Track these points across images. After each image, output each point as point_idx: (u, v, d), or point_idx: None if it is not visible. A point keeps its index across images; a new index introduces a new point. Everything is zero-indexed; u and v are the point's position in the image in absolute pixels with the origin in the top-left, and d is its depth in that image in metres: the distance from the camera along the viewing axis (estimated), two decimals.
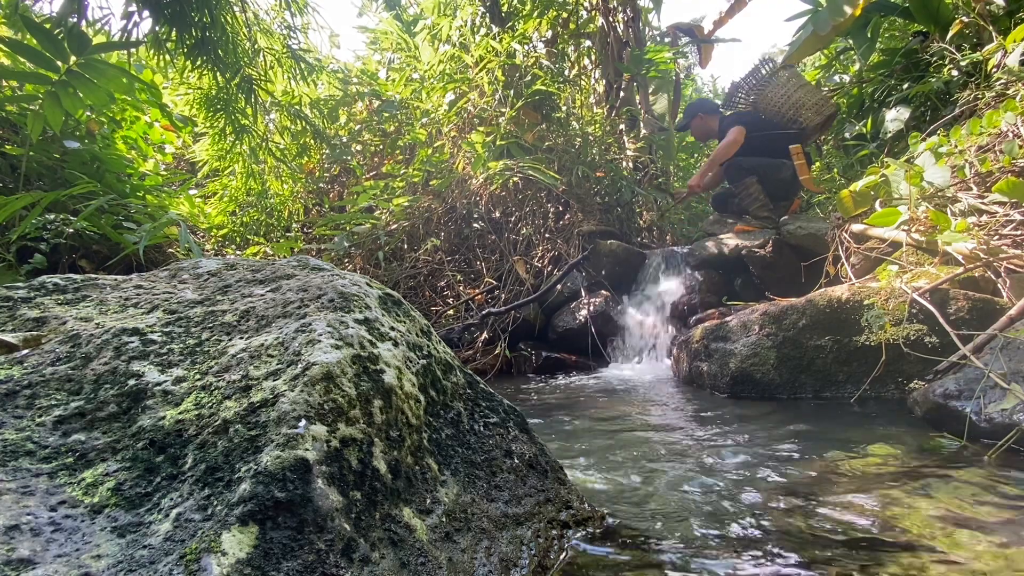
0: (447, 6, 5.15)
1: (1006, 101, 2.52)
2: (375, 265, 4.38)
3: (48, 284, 0.99)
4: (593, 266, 4.08)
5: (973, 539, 0.92)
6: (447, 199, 4.64)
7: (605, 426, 1.94)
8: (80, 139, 3.49)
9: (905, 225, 2.43)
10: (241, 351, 0.79)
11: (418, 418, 0.85)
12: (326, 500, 0.62)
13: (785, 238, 3.58)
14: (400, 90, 5.55)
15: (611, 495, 1.20)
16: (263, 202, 5.37)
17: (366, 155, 5.89)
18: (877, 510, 1.06)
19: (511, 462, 0.98)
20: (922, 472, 1.28)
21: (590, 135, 5.00)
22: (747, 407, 2.17)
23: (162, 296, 0.98)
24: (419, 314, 1.07)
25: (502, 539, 0.83)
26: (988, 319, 1.96)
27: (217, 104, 4.29)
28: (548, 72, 4.95)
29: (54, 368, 0.77)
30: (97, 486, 0.62)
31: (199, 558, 0.52)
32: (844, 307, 2.26)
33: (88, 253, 3.33)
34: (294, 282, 1.00)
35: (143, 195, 3.77)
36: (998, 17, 3.38)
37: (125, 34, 3.37)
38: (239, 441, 0.64)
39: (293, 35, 4.59)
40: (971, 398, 1.56)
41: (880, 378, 2.11)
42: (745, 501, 1.13)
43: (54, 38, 2.51)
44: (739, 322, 2.52)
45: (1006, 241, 2.18)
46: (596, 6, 5.60)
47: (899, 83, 4.14)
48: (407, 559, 0.68)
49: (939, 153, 2.50)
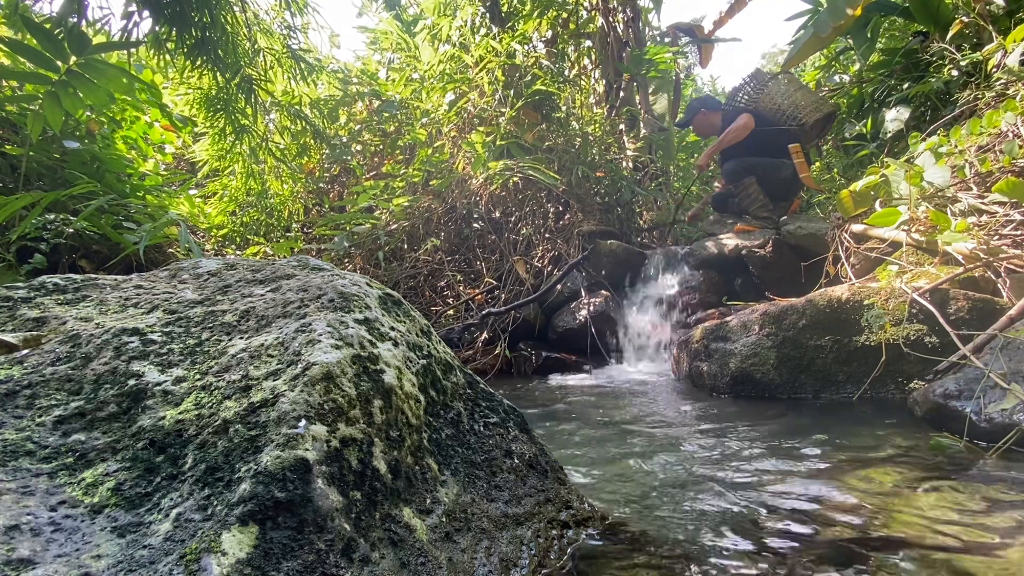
0: (447, 6, 5.15)
1: (1006, 101, 2.52)
2: (375, 265, 4.38)
3: (48, 284, 0.99)
4: (593, 266, 4.08)
5: (973, 539, 0.92)
6: (447, 199, 4.64)
7: (605, 426, 1.94)
8: (80, 139, 3.49)
9: (905, 225, 2.43)
10: (241, 351, 0.79)
11: (418, 418, 0.85)
12: (326, 500, 0.62)
13: (785, 238, 3.58)
14: (400, 90, 5.55)
15: (611, 495, 1.20)
16: (263, 202, 5.37)
17: (366, 155, 5.89)
18: (877, 510, 1.06)
19: (511, 462, 0.98)
20: (922, 472, 1.28)
21: (590, 135, 5.00)
22: (747, 407, 2.17)
23: (162, 296, 0.98)
24: (419, 314, 1.07)
25: (502, 539, 0.83)
26: (988, 319, 1.96)
27: (217, 104, 4.29)
28: (548, 72, 4.95)
29: (54, 368, 0.77)
30: (97, 486, 0.62)
31: (199, 558, 0.52)
32: (844, 307, 2.26)
33: (88, 253, 3.33)
34: (294, 282, 1.00)
35: (143, 195, 3.77)
36: (998, 17, 3.38)
37: (125, 34, 3.37)
38: (239, 441, 0.64)
39: (293, 35, 4.59)
40: (971, 398, 1.56)
41: (880, 378, 2.11)
42: (745, 501, 1.13)
43: (54, 38, 2.51)
44: (739, 322, 2.52)
45: (1006, 241, 2.18)
46: (596, 6, 5.60)
47: (899, 83, 4.14)
48: (407, 559, 0.68)
49: (939, 153, 2.50)
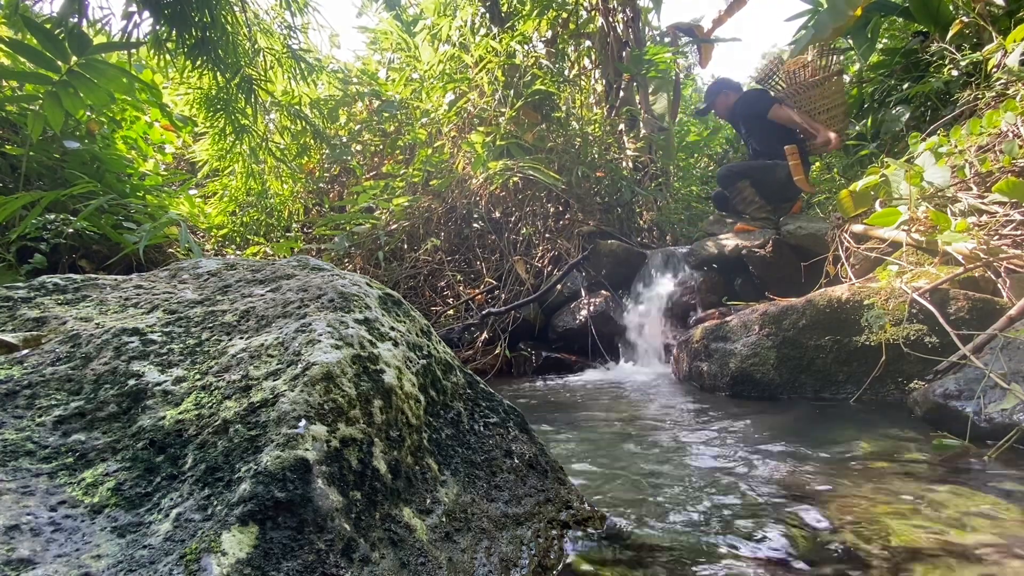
0: (447, 6, 5.15)
1: (1006, 101, 2.52)
2: (375, 265, 4.38)
3: (48, 284, 0.99)
4: (593, 266, 4.08)
5: (973, 539, 0.92)
6: (447, 199, 4.64)
7: (605, 426, 1.94)
8: (80, 139, 3.49)
9: (905, 225, 2.43)
10: (241, 351, 0.79)
11: (418, 418, 0.85)
12: (326, 500, 0.62)
13: (785, 238, 3.58)
14: (400, 90, 5.55)
15: (611, 495, 1.20)
16: (263, 202, 5.37)
17: (366, 155, 5.89)
18: (877, 510, 1.06)
19: (511, 462, 0.98)
20: (922, 472, 1.28)
21: (590, 135, 5.00)
22: (747, 407, 2.17)
23: (162, 296, 0.98)
24: (419, 314, 1.07)
25: (502, 539, 0.83)
26: (988, 319, 1.96)
27: (217, 104, 4.29)
28: (548, 72, 4.95)
29: (54, 368, 0.77)
30: (97, 486, 0.62)
31: (199, 558, 0.52)
32: (844, 307, 2.26)
33: (88, 253, 3.33)
34: (294, 282, 1.00)
35: (143, 195, 3.77)
36: (998, 17, 3.38)
37: (125, 34, 3.38)
38: (239, 441, 0.64)
39: (293, 35, 4.59)
40: (971, 398, 1.56)
41: (880, 378, 2.11)
42: (745, 501, 1.13)
43: (55, 38, 2.51)
44: (739, 322, 2.52)
45: (1006, 241, 2.18)
46: (596, 6, 5.59)
47: (899, 83, 4.14)
48: (407, 559, 0.68)
49: (939, 153, 2.50)
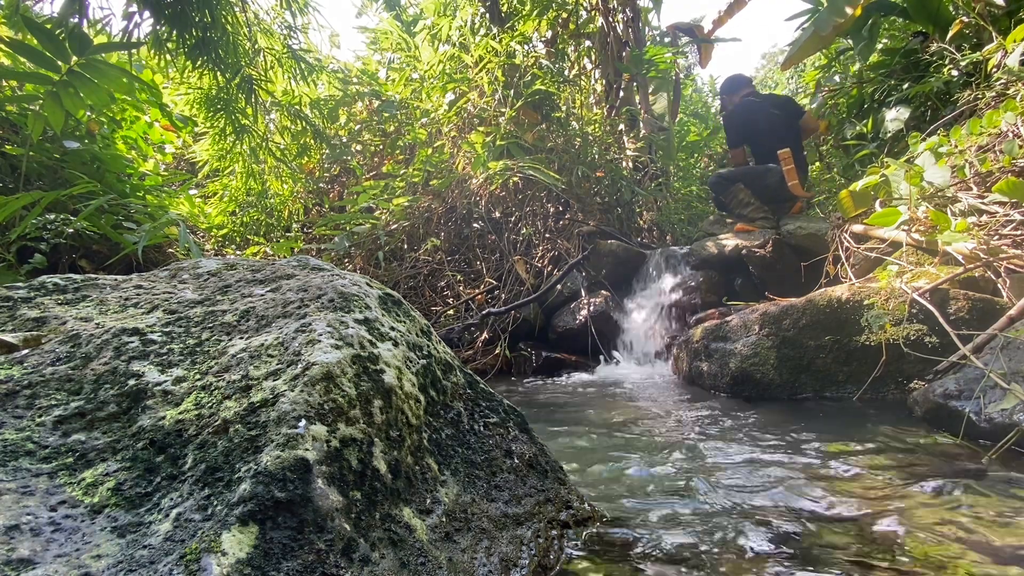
0: (447, 6, 5.15)
1: (1006, 101, 2.51)
2: (375, 265, 4.38)
3: (48, 284, 0.99)
4: (593, 266, 4.08)
5: (972, 539, 0.92)
6: (447, 199, 4.64)
7: (605, 426, 1.94)
8: (80, 139, 3.49)
9: (905, 225, 2.43)
10: (241, 351, 0.79)
11: (418, 418, 0.85)
12: (326, 500, 0.62)
13: (785, 238, 3.58)
14: (400, 90, 5.55)
15: (611, 495, 1.20)
16: (263, 202, 5.37)
17: (366, 155, 5.89)
18: (877, 510, 1.06)
19: (511, 462, 0.98)
20: (922, 472, 1.28)
21: (590, 135, 5.00)
22: (747, 407, 2.17)
23: (162, 296, 0.98)
24: (419, 314, 1.07)
25: (502, 539, 0.83)
26: (988, 319, 1.96)
27: (217, 104, 4.30)
28: (548, 72, 4.95)
29: (54, 368, 0.77)
30: (97, 486, 0.62)
31: (199, 558, 0.52)
32: (844, 307, 2.26)
33: (88, 253, 3.33)
34: (294, 282, 1.00)
35: (143, 195, 3.77)
36: (998, 17, 3.37)
37: (126, 34, 3.38)
38: (239, 441, 0.64)
39: (293, 35, 4.60)
40: (971, 398, 1.56)
41: (880, 378, 2.11)
42: (745, 501, 1.13)
43: (55, 38, 2.51)
44: (739, 322, 2.52)
45: (1006, 241, 2.18)
46: (596, 6, 5.59)
47: (899, 83, 4.13)
48: (407, 559, 0.68)
49: (939, 153, 2.50)
